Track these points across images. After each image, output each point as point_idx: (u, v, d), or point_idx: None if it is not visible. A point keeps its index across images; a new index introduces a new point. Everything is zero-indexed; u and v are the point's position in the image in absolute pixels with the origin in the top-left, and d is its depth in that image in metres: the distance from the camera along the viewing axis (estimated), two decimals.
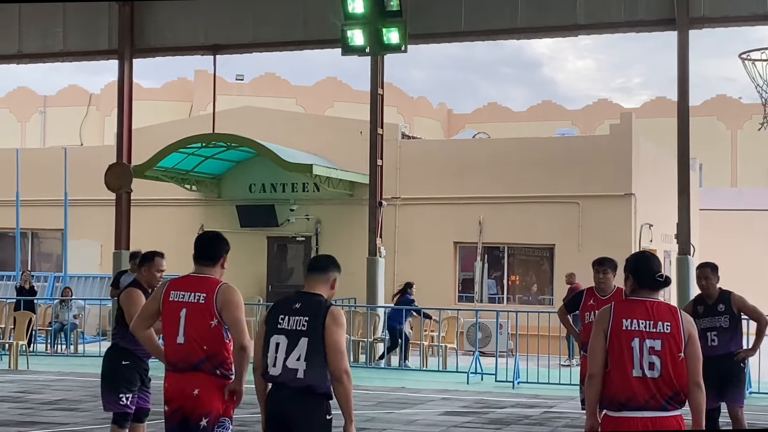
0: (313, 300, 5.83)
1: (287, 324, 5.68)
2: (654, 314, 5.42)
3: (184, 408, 6.16)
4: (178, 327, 6.18)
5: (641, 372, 5.34)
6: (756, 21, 18.77)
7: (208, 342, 6.15)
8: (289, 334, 5.65)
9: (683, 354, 5.37)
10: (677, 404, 5.38)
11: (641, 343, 5.36)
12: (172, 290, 6.33)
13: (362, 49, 19.59)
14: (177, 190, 24.74)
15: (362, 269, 20.58)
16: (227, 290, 6.24)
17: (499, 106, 51.23)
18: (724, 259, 33.10)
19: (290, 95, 44.18)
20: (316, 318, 5.72)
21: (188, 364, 6.15)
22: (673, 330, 5.39)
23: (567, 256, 22.37)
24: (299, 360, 5.60)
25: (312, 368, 5.59)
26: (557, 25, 19.63)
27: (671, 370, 5.34)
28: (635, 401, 5.34)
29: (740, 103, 46.70)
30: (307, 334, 5.65)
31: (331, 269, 6.02)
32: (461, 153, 24.23)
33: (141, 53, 22.33)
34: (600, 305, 8.90)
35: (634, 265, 5.68)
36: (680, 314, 5.49)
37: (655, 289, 5.56)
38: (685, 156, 18.39)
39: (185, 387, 6.14)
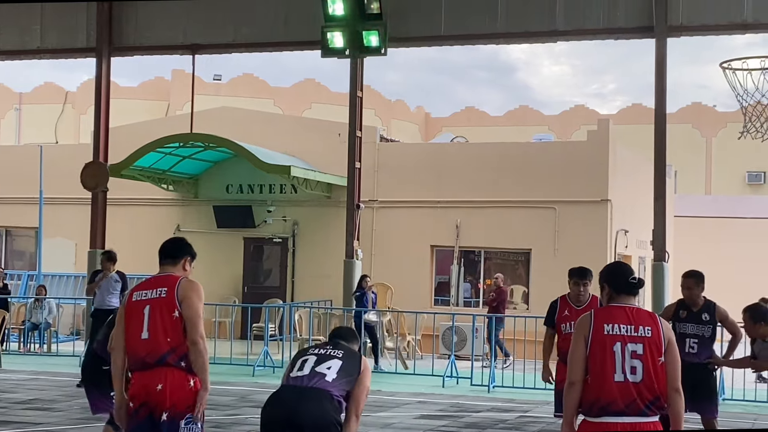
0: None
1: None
2: (634, 319, 5.47)
3: (148, 404, 6.12)
4: (142, 324, 6.18)
5: (623, 376, 5.36)
6: (733, 29, 18.89)
7: (171, 334, 6.15)
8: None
9: (663, 359, 5.42)
10: (657, 409, 5.42)
11: (623, 347, 5.38)
12: (134, 292, 6.39)
13: (342, 51, 19.61)
14: (153, 189, 24.64)
15: (339, 272, 20.59)
16: (188, 284, 6.31)
17: (477, 111, 51.34)
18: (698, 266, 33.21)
19: (268, 96, 44.09)
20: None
21: (154, 359, 6.13)
22: (653, 334, 5.43)
23: (543, 260, 22.46)
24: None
25: None
26: (536, 30, 19.69)
27: (652, 374, 5.38)
28: (616, 406, 5.36)
29: (715, 111, 47.04)
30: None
31: None
32: (439, 156, 24.27)
33: (119, 52, 22.22)
34: (576, 316, 8.91)
35: (608, 275, 5.73)
36: (660, 319, 5.55)
37: (631, 293, 5.61)
38: (661, 163, 18.50)
39: (149, 383, 6.12)
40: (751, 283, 29.96)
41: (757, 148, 23.66)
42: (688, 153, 42.52)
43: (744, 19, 18.09)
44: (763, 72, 13.76)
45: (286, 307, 20.64)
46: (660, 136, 18.39)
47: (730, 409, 14.79)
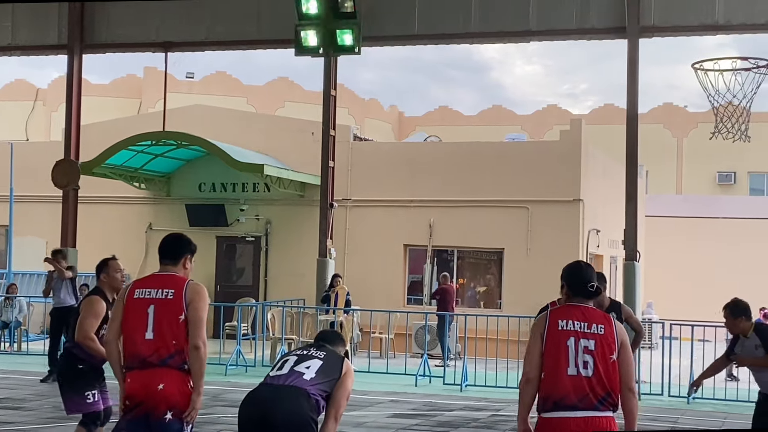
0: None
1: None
2: (588, 317, 5.62)
3: (146, 403, 6.12)
4: (146, 323, 6.17)
5: (576, 370, 5.48)
6: (705, 30, 19.03)
7: (177, 337, 6.17)
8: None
9: (615, 357, 5.54)
10: (609, 405, 5.51)
11: (576, 342, 5.52)
12: (136, 288, 6.33)
13: (315, 50, 19.59)
14: (125, 187, 24.51)
15: (312, 270, 20.58)
16: (196, 287, 6.33)
17: (450, 110, 51.40)
18: (669, 265, 33.62)
19: (241, 94, 43.95)
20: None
21: (158, 359, 6.14)
22: (606, 332, 5.57)
23: (516, 260, 22.53)
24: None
25: None
26: (510, 30, 19.76)
27: (603, 370, 5.49)
28: (569, 399, 5.46)
29: (686, 111, 47.34)
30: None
31: None
32: (412, 156, 24.29)
33: (91, 49, 22.10)
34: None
35: (569, 275, 5.89)
36: (614, 321, 5.69)
37: (587, 297, 5.75)
38: (633, 163, 18.61)
39: (150, 382, 6.11)
40: (721, 282, 30.21)
41: (728, 149, 23.87)
42: (659, 153, 42.77)
43: (715, 20, 18.23)
44: (734, 73, 13.86)
45: (259, 306, 20.60)
46: (632, 137, 18.49)
47: (701, 408, 14.91)
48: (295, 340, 19.28)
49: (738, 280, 28.91)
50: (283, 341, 18.65)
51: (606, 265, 25.28)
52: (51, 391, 14.67)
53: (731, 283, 28.89)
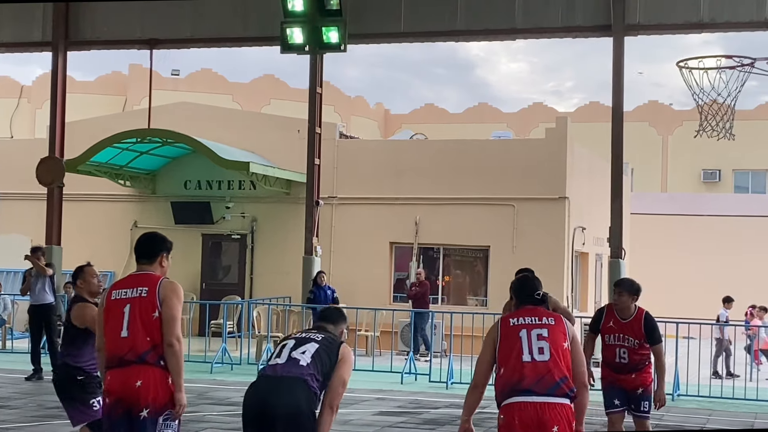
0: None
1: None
2: (537, 314, 6.03)
3: (124, 400, 6.17)
4: (122, 322, 6.23)
5: (531, 357, 5.78)
6: (690, 29, 19.07)
7: (151, 333, 6.22)
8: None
9: (567, 345, 5.87)
10: (566, 390, 5.74)
11: (529, 332, 5.86)
12: (113, 290, 6.44)
13: (301, 48, 19.55)
14: (110, 185, 24.43)
15: (298, 268, 20.56)
16: (170, 284, 6.35)
17: (436, 108, 51.44)
18: (654, 263, 33.76)
19: (226, 92, 43.87)
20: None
21: (134, 356, 6.19)
22: (556, 323, 5.95)
23: (501, 257, 22.55)
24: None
25: None
26: (495, 28, 19.75)
27: (559, 354, 5.79)
28: (525, 383, 5.71)
29: (672, 109, 47.49)
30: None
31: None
32: (398, 153, 24.29)
33: (76, 46, 22.01)
34: (620, 329, 9.03)
35: (515, 288, 6.35)
36: (563, 318, 6.12)
37: (534, 304, 6.14)
38: (619, 161, 18.65)
39: (127, 379, 6.17)
40: (706, 279, 30.34)
41: (713, 147, 23.96)
42: (644, 151, 42.90)
43: (700, 18, 18.27)
44: (719, 71, 13.90)
45: (245, 304, 20.56)
46: (617, 135, 18.52)
47: (685, 405, 14.96)
48: (281, 337, 19.24)
49: (723, 278, 29.05)
50: (269, 339, 18.63)
51: (591, 263, 25.35)
52: (36, 389, 14.62)
53: (716, 281, 29.03)
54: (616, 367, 9.05)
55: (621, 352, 9.03)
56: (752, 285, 27.02)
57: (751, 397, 15.51)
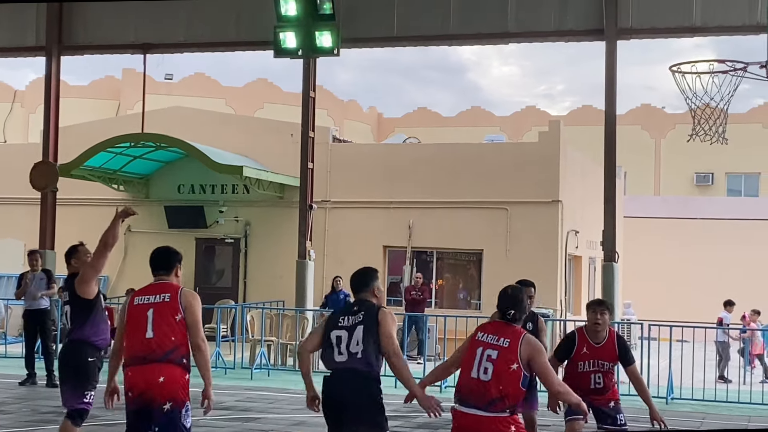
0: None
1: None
2: (499, 333, 6.55)
3: (146, 394, 6.76)
4: (146, 324, 6.86)
5: (477, 374, 6.44)
6: (682, 33, 19.14)
7: (175, 334, 6.88)
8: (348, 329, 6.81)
9: (515, 367, 6.37)
10: (501, 408, 6.34)
11: (483, 351, 6.48)
12: (135, 297, 7.06)
13: (294, 52, 19.57)
14: (104, 189, 24.41)
15: (291, 272, 20.55)
16: (190, 294, 7.07)
17: (429, 111, 51.49)
18: (647, 266, 33.72)
19: (220, 96, 43.88)
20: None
21: (158, 355, 6.81)
22: (511, 345, 6.45)
23: (495, 261, 22.58)
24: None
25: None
26: (488, 32, 19.80)
27: (499, 378, 6.36)
28: (467, 398, 6.44)
29: (664, 112, 47.60)
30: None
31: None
32: (392, 157, 24.32)
33: (69, 50, 22.01)
34: (594, 354, 8.63)
35: (498, 298, 6.79)
36: (523, 337, 6.52)
37: (504, 320, 6.66)
38: (611, 165, 18.68)
39: (151, 375, 6.77)
40: (699, 282, 30.40)
41: (706, 150, 24.01)
42: (637, 154, 42.99)
43: (693, 22, 18.34)
44: (711, 75, 13.93)
45: (238, 308, 20.56)
46: (610, 138, 18.56)
47: (679, 408, 14.99)
48: (274, 341, 19.26)
49: (716, 281, 29.13)
50: (263, 343, 18.63)
51: (585, 266, 25.38)
52: (30, 394, 14.60)
53: (709, 284, 29.09)
54: (590, 392, 8.55)
55: (596, 378, 8.66)
56: (745, 288, 27.07)
57: (744, 400, 15.55)
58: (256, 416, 12.82)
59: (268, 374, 17.96)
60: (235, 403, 13.57)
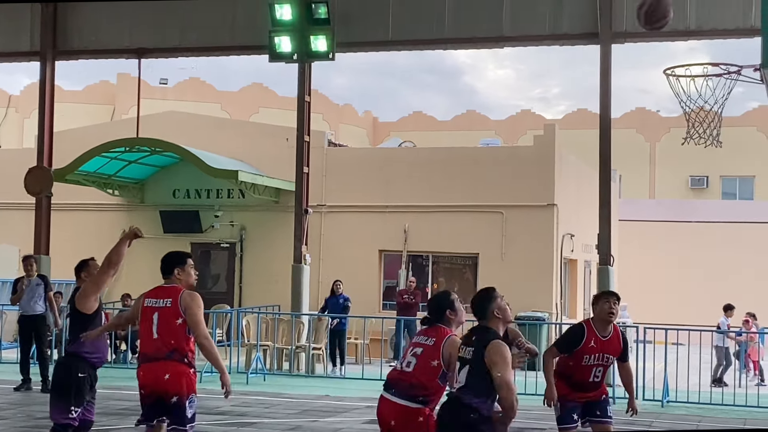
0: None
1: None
2: (428, 333, 7.04)
3: (156, 390, 7.62)
4: (152, 326, 7.70)
5: (401, 366, 7.00)
6: (676, 36, 19.15)
7: (174, 337, 7.66)
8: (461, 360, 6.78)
9: (435, 364, 6.81)
10: (420, 399, 6.79)
11: (413, 347, 7.03)
12: (146, 298, 7.88)
13: (289, 56, 19.58)
14: (99, 194, 24.40)
15: (287, 276, 20.54)
16: (188, 296, 7.80)
17: (424, 115, 51.49)
18: (642, 270, 33.74)
19: (215, 100, 43.85)
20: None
21: (162, 354, 7.63)
22: (435, 343, 6.91)
23: (490, 265, 22.59)
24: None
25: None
26: (483, 36, 19.80)
27: (420, 371, 6.83)
28: (390, 385, 6.98)
29: (659, 116, 47.63)
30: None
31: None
32: (387, 161, 24.33)
33: (64, 55, 21.98)
34: (601, 347, 8.46)
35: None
36: (446, 337, 6.90)
37: (425, 323, 7.11)
38: (606, 168, 18.69)
39: (157, 373, 7.62)
40: (695, 285, 30.43)
41: (700, 153, 24.00)
42: (632, 157, 42.99)
43: (687, 26, 18.36)
44: (705, 78, 13.95)
45: (234, 313, 20.54)
46: (605, 142, 18.58)
47: (675, 411, 15.00)
48: (270, 346, 19.24)
49: (711, 284, 29.15)
50: (258, 348, 18.61)
51: (580, 270, 25.40)
52: (25, 399, 14.58)
53: (704, 287, 29.12)
54: (587, 386, 8.53)
55: (596, 372, 8.53)
56: (741, 291, 27.08)
57: (740, 403, 15.56)
58: (252, 421, 12.81)
59: (264, 379, 17.95)
60: (231, 408, 13.55)
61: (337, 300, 20.34)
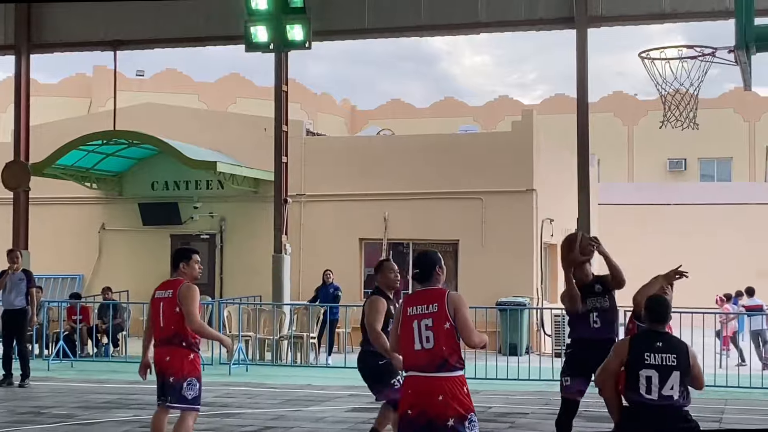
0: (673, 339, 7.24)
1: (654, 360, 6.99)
2: (425, 299, 6.74)
3: (160, 372, 8.56)
4: (160, 315, 8.65)
5: (420, 345, 6.63)
6: (652, 20, 19.24)
7: (174, 324, 8.55)
8: (659, 368, 6.96)
9: (450, 325, 6.58)
10: (457, 366, 6.56)
11: (419, 323, 6.67)
12: (156, 291, 8.86)
13: (266, 46, 19.50)
14: (77, 188, 24.28)
15: (267, 267, 20.53)
16: (185, 288, 8.65)
17: (402, 103, 51.52)
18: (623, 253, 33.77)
19: (192, 91, 43.71)
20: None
21: (166, 339, 8.59)
22: (440, 308, 6.64)
23: (471, 251, 22.64)
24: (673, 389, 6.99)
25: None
26: (459, 22, 19.82)
27: (442, 342, 6.57)
28: (417, 368, 6.62)
29: (636, 99, 47.83)
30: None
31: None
32: (366, 150, 24.32)
33: (39, 49, 21.85)
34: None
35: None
36: (446, 296, 6.70)
37: (416, 281, 6.93)
38: (584, 152, 18.75)
39: (161, 355, 8.57)
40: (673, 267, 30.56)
41: (678, 136, 24.13)
42: (610, 141, 43.19)
43: (662, 9, 18.43)
44: (681, 61, 13.98)
45: (215, 304, 20.51)
46: (582, 126, 18.64)
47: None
48: (252, 337, 19.23)
49: (690, 266, 29.23)
50: (240, 338, 18.60)
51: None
52: (7, 395, 14.51)
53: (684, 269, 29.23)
54: None
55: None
56: (719, 272, 27.27)
57: (720, 383, 15.65)
58: (235, 411, 12.81)
59: (247, 369, 17.94)
60: (213, 399, 13.54)
61: (328, 289, 20.32)
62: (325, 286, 20.41)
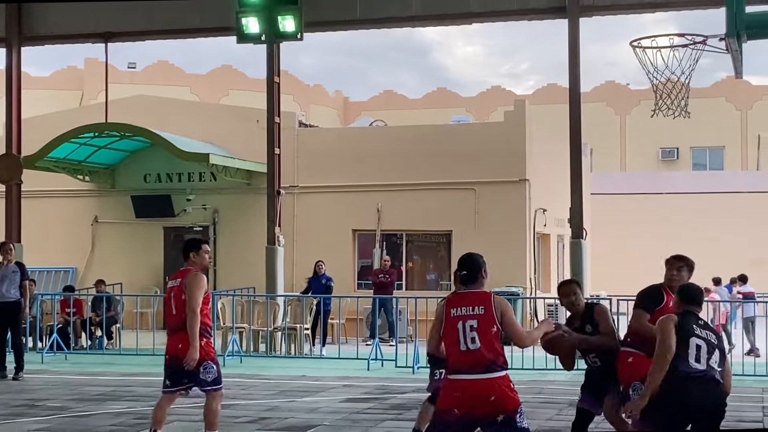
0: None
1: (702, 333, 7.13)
2: (472, 301, 6.89)
3: (175, 357, 8.88)
4: (172, 303, 9.03)
5: (465, 346, 6.77)
6: (644, 8, 19.24)
7: (184, 312, 8.88)
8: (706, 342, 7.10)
9: (497, 328, 6.76)
10: (502, 366, 6.75)
11: (464, 324, 6.81)
12: (169, 281, 9.27)
13: (258, 37, 19.46)
14: (69, 181, 24.25)
15: (261, 258, 20.52)
16: (193, 276, 9.01)
17: (395, 94, 51.47)
18: (615, 242, 33.89)
19: (184, 83, 43.62)
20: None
21: (177, 327, 8.93)
22: (487, 311, 6.80)
23: (464, 241, 22.63)
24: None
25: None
26: (451, 13, 19.79)
27: (489, 344, 6.72)
28: (463, 370, 6.73)
29: (629, 89, 47.83)
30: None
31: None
32: (358, 141, 24.32)
33: (30, 41, 21.79)
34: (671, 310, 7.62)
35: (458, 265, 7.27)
36: (491, 299, 6.87)
37: (462, 283, 7.07)
38: (577, 142, 18.77)
39: (174, 342, 8.94)
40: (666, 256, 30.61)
41: (670, 125, 24.17)
42: (602, 131, 43.19)
43: None
44: (672, 50, 14.01)
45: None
46: (575, 116, 18.64)
47: None
48: (246, 328, 19.25)
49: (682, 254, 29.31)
50: (234, 330, 18.61)
51: (553, 244, 25.53)
52: (1, 388, 14.51)
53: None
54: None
55: None
56: (712, 261, 27.29)
57: None
58: (229, 403, 12.81)
59: (241, 361, 17.96)
60: None
61: (320, 281, 20.36)
62: (317, 277, 20.44)
